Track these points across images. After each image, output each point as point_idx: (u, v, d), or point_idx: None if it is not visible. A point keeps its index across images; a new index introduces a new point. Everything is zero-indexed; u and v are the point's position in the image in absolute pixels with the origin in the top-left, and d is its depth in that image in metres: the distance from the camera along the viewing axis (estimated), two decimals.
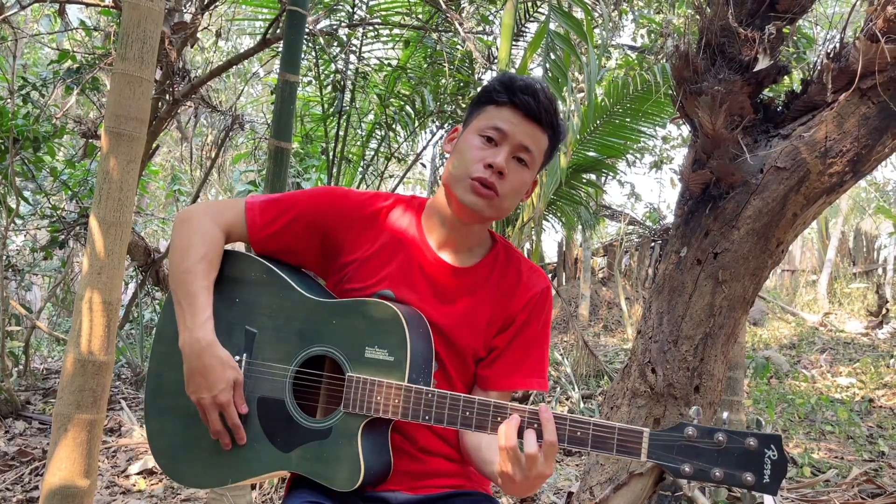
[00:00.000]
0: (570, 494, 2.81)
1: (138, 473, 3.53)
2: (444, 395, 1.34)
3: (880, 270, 11.14)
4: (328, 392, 1.47)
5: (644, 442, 1.23)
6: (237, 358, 1.48)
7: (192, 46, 4.47)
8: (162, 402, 1.52)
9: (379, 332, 1.41)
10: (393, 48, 5.60)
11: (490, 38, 5.49)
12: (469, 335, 1.51)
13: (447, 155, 1.53)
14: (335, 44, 4.94)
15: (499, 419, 1.30)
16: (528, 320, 1.53)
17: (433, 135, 5.78)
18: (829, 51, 2.22)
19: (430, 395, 1.35)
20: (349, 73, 5.13)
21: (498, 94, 1.45)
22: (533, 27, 5.16)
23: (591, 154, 6.23)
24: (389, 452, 1.44)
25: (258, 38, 4.39)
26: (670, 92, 2.56)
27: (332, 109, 5.21)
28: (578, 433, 1.26)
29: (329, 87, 5.17)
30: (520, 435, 1.27)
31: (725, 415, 1.24)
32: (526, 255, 1.72)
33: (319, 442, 1.40)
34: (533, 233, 5.35)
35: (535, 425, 1.27)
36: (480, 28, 5.44)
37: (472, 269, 1.54)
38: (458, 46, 5.15)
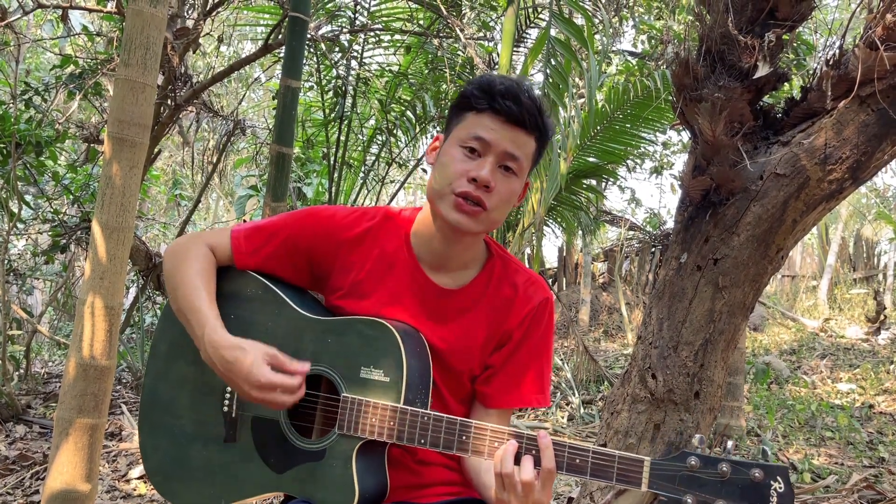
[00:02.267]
0: (570, 500, 2.81)
1: (139, 478, 3.53)
2: (441, 419, 1.31)
3: (880, 276, 11.14)
4: (324, 412, 1.44)
5: (645, 471, 1.20)
6: None
7: (194, 52, 4.48)
8: (155, 418, 1.51)
9: (374, 352, 1.37)
10: (394, 54, 5.62)
11: (491, 44, 5.51)
12: (463, 357, 1.47)
13: (430, 167, 1.46)
14: (337, 49, 4.96)
15: (496, 444, 1.27)
16: (526, 335, 1.48)
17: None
18: (828, 58, 2.23)
19: (425, 419, 1.31)
20: (350, 78, 5.15)
21: (477, 101, 1.37)
22: (534, 33, 5.18)
23: (591, 159, 6.25)
24: (385, 473, 1.41)
25: (260, 43, 4.41)
26: (670, 98, 2.57)
27: (333, 115, 5.23)
28: (577, 460, 1.23)
29: (330, 93, 5.19)
30: (517, 461, 1.23)
31: (730, 444, 1.20)
32: (526, 261, 1.68)
33: (313, 464, 1.37)
34: (533, 238, 5.35)
35: (534, 451, 1.24)
36: (481, 34, 5.47)
37: (465, 288, 1.48)
38: (459, 52, 5.17)
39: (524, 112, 1.35)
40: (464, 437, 1.29)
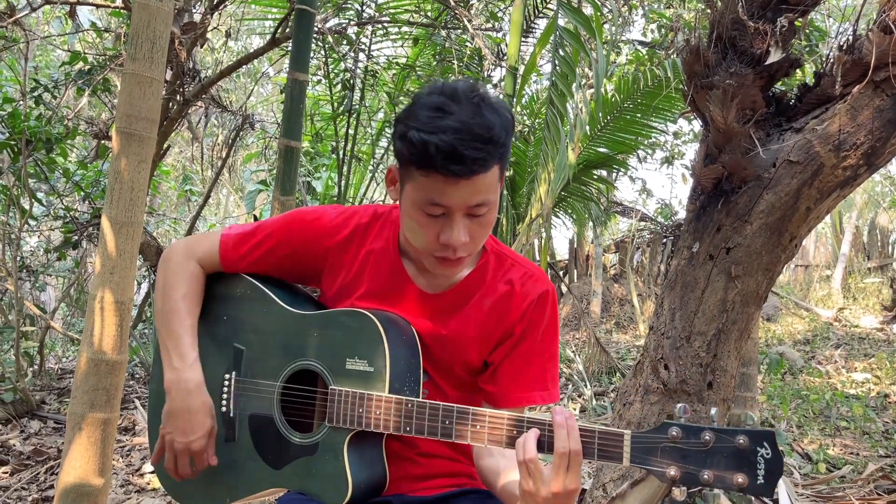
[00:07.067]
0: (582, 492, 2.80)
1: (152, 472, 3.55)
2: (424, 406, 1.29)
3: (895, 265, 11.03)
4: (317, 406, 1.45)
5: (625, 445, 1.15)
6: (227, 376, 1.49)
7: (201, 46, 4.48)
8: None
9: (357, 343, 1.37)
10: (402, 46, 5.61)
11: (499, 34, 5.48)
12: (454, 353, 1.44)
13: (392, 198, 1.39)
14: (344, 42, 4.95)
15: (477, 426, 1.25)
16: (528, 330, 1.42)
17: None
18: (841, 43, 2.20)
19: (409, 406, 1.30)
20: (358, 71, 5.14)
21: (419, 164, 1.23)
22: (542, 23, 5.15)
23: (601, 150, 6.22)
24: (384, 464, 1.41)
25: (268, 37, 4.41)
26: (681, 87, 2.55)
27: (341, 108, 5.22)
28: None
29: (339, 86, 5.18)
30: (541, 449, 1.19)
31: (713, 410, 1.15)
32: (535, 252, 1.64)
33: (307, 458, 1.38)
34: (542, 230, 5.34)
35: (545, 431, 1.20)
36: (489, 25, 5.43)
37: (454, 289, 1.44)
38: (468, 44, 5.15)
39: (474, 164, 1.20)
40: (446, 423, 1.27)
